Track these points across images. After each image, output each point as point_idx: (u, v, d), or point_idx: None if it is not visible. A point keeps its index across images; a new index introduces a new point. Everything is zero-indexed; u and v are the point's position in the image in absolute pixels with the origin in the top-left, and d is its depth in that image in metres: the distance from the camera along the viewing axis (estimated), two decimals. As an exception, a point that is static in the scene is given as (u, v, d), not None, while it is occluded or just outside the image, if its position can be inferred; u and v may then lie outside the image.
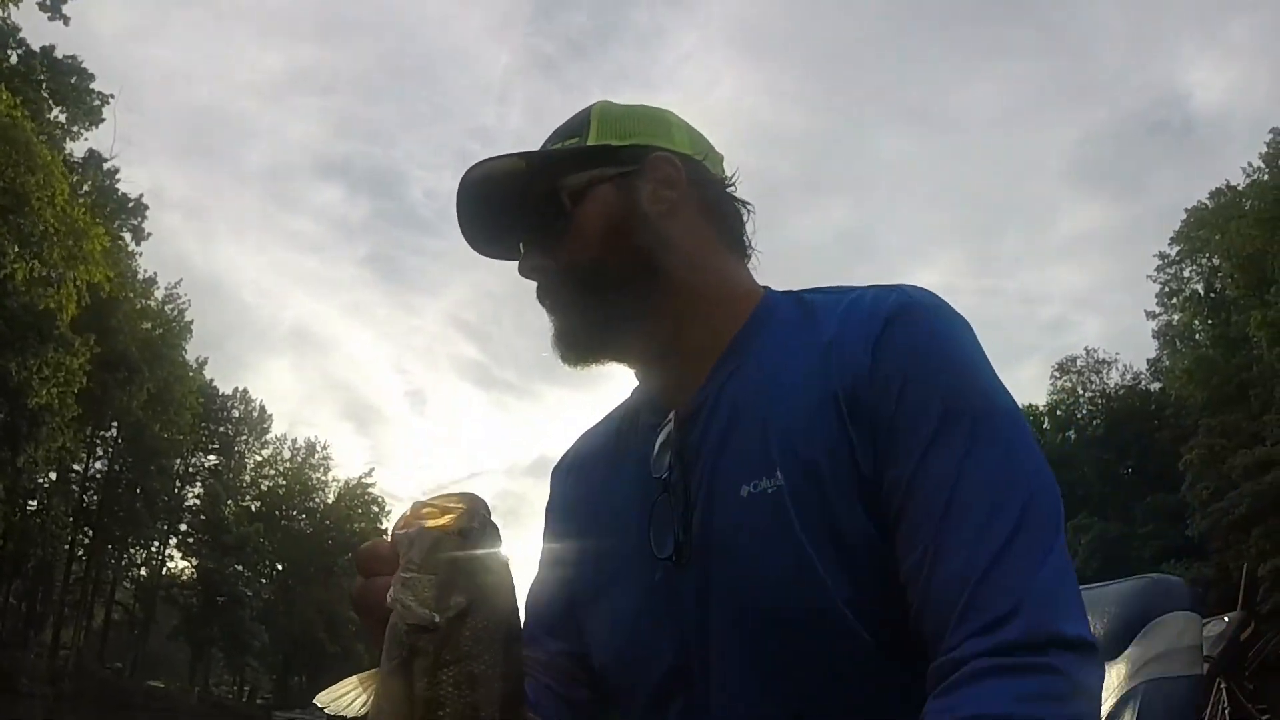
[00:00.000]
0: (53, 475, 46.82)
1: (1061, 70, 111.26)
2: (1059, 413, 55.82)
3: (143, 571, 59.64)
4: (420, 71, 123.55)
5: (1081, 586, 1.43)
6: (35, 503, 39.42)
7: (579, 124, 1.34)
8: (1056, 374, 56.36)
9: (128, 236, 43.25)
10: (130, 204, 43.45)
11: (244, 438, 65.93)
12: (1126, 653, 1.73)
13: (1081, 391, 55.39)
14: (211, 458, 63.59)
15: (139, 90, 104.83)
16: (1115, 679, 1.71)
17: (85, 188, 39.34)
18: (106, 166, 42.91)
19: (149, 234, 45.72)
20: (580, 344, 1.30)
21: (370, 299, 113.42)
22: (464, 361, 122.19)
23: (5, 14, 32.87)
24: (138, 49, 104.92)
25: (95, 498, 52.30)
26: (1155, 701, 1.65)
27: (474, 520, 0.92)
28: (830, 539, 1.12)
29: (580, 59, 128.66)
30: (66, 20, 32.39)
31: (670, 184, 1.30)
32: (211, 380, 61.75)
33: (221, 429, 64.09)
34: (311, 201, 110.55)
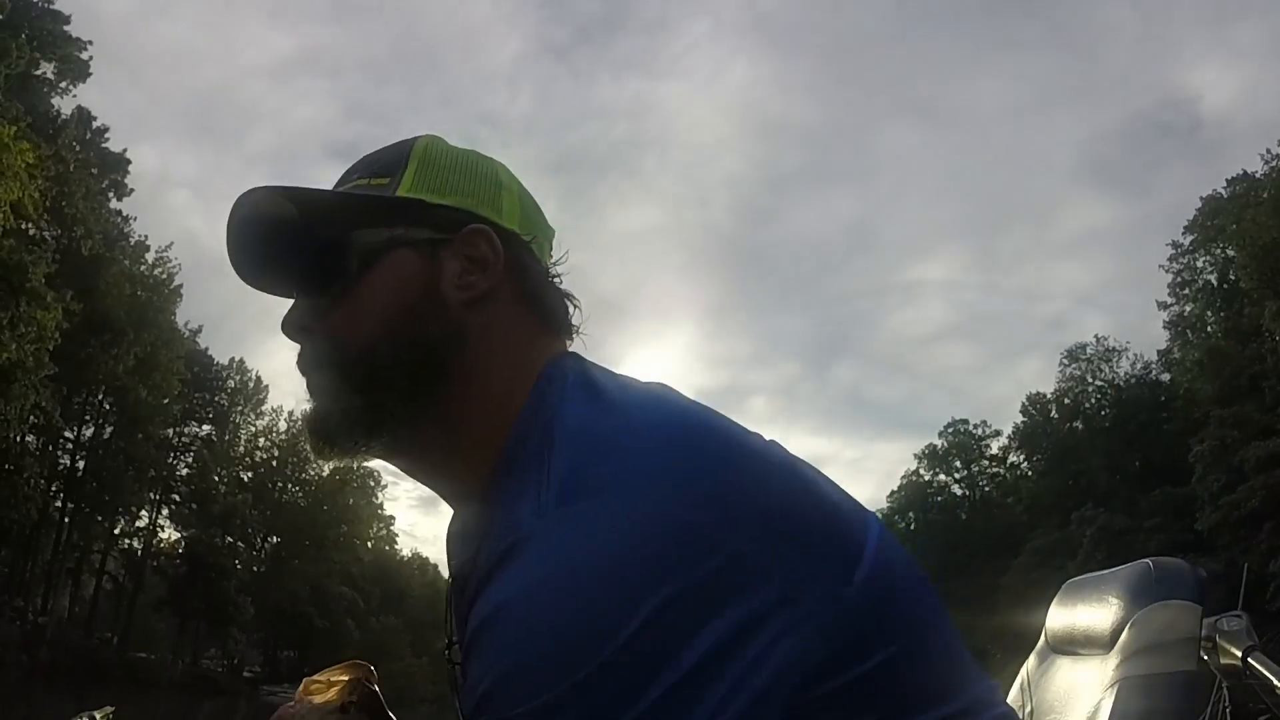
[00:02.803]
0: (31, 439, 46.36)
1: (1069, 67, 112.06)
2: (1066, 401, 55.35)
3: (134, 542, 59.18)
4: (429, 55, 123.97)
5: (1084, 575, 1.74)
6: (9, 465, 38.56)
7: (393, 161, 1.11)
8: (1065, 361, 56.03)
9: (114, 197, 42.50)
10: (110, 158, 43.12)
11: (239, 408, 65.34)
12: (1118, 645, 1.66)
13: (1090, 380, 54.98)
14: (205, 427, 63.00)
15: (147, 70, 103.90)
16: (1101, 674, 1.67)
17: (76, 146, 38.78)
18: (96, 125, 42.35)
19: (131, 189, 45.54)
20: (336, 439, 1.06)
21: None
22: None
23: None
24: (145, 28, 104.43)
25: (81, 464, 51.77)
26: (1134, 700, 1.58)
27: (355, 693, 0.97)
28: None
29: (589, 45, 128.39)
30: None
31: (482, 265, 1.08)
32: (206, 349, 61.36)
33: (217, 398, 63.33)
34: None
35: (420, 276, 1.07)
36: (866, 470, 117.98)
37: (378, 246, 1.07)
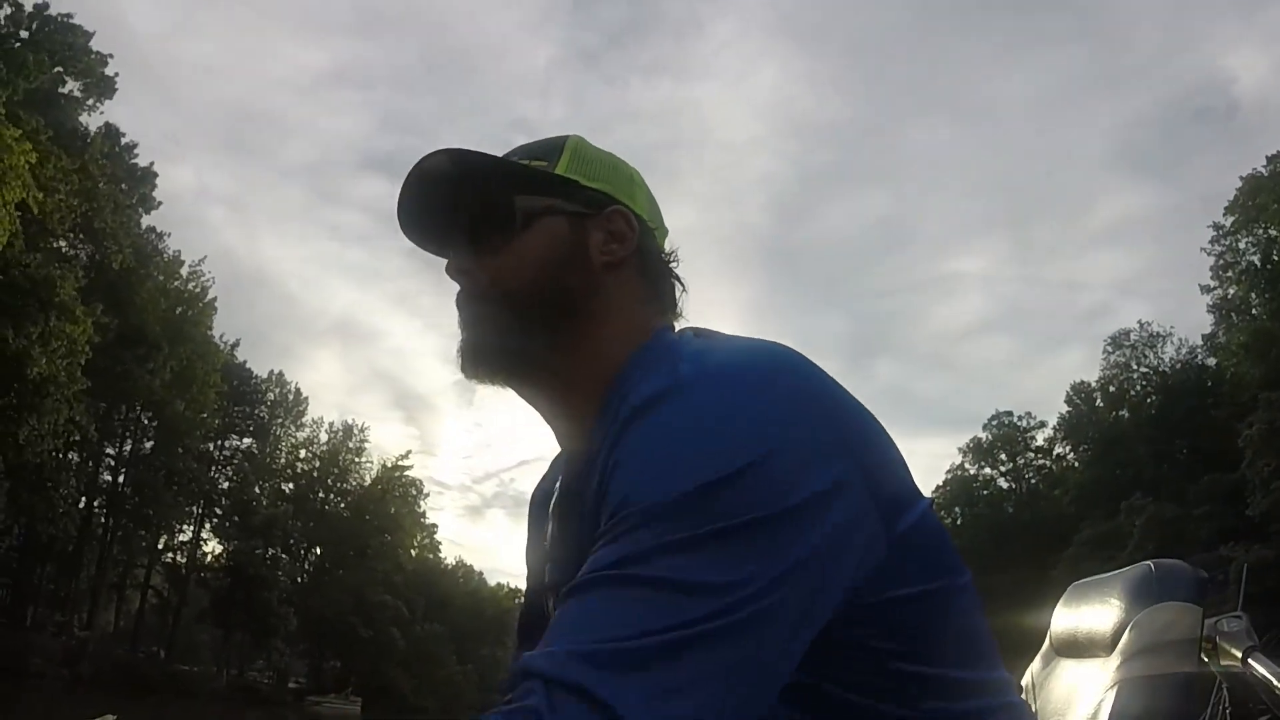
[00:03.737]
0: (72, 456, 46.63)
1: (1099, 56, 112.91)
2: (1111, 389, 54.55)
3: (178, 556, 59.55)
4: (460, 65, 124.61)
5: (1086, 579, 1.80)
6: (47, 481, 38.68)
7: (550, 149, 1.32)
8: (1109, 348, 55.10)
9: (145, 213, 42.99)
10: (139, 172, 43.38)
11: (280, 420, 65.60)
12: (1119, 647, 1.69)
13: (1135, 367, 54.10)
14: (246, 440, 63.32)
15: (180, 88, 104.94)
16: (1102, 676, 1.69)
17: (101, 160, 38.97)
18: (125, 141, 42.58)
19: (159, 203, 45.90)
20: (487, 363, 1.27)
21: (416, 289, 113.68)
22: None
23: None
24: (177, 48, 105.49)
25: (122, 479, 52.10)
26: (1134, 701, 1.61)
27: None
28: None
29: (619, 50, 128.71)
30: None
31: (621, 240, 1.29)
32: (244, 362, 61.73)
33: (257, 411, 63.66)
34: (354, 195, 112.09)
35: (570, 239, 1.27)
36: (911, 468, 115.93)
37: (538, 210, 1.27)
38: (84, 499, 49.89)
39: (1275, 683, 1.79)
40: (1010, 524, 60.30)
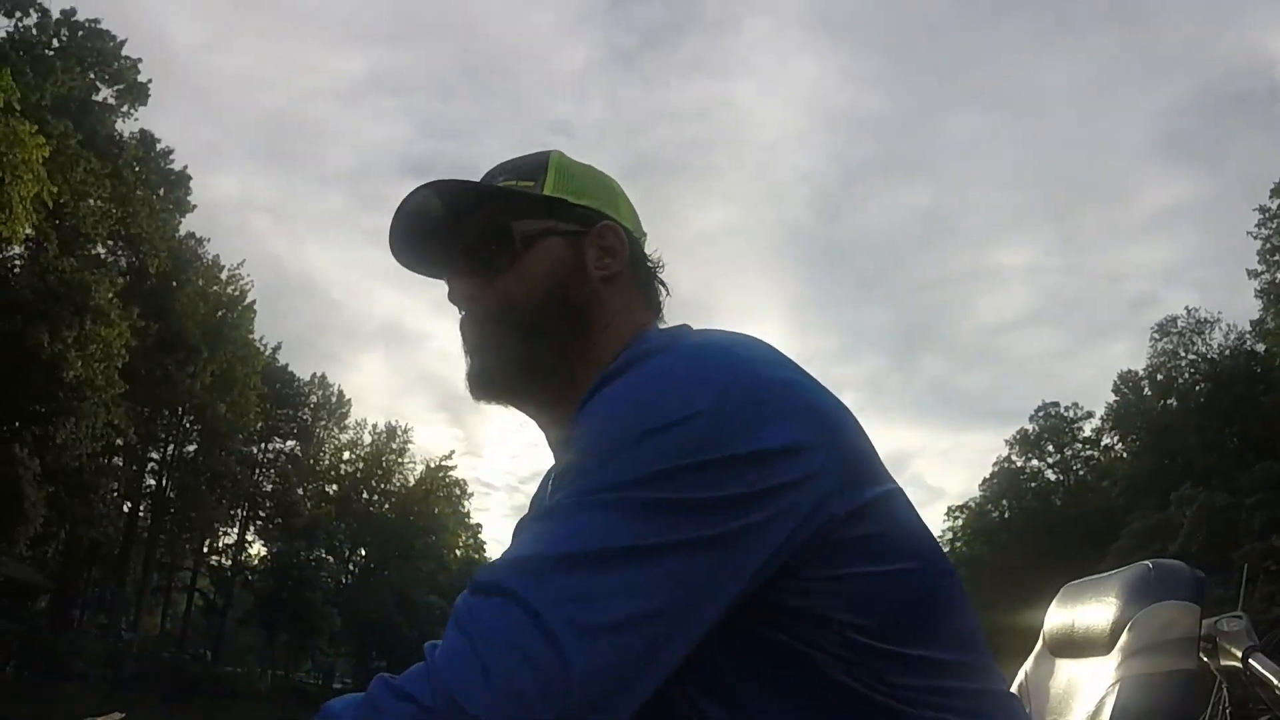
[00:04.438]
0: (118, 461, 47.07)
1: (1137, 41, 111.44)
2: (1159, 377, 53.71)
3: (223, 559, 60.08)
4: (497, 69, 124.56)
5: (1083, 579, 1.84)
6: (87, 483, 39.00)
7: (535, 168, 1.36)
8: (1156, 335, 54.16)
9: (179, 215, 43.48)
10: (173, 176, 43.63)
11: (323, 423, 65.96)
12: (1118, 646, 1.70)
13: (1183, 354, 53.13)
14: (290, 443, 63.70)
15: (222, 99, 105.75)
16: (1101, 675, 1.70)
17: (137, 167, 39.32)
18: (160, 147, 42.95)
19: (194, 206, 46.11)
20: (496, 386, 1.32)
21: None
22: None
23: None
24: (216, 60, 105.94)
25: (167, 482, 52.58)
26: (1134, 700, 1.62)
27: None
28: None
29: (656, 49, 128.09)
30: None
31: (613, 254, 1.34)
32: (286, 365, 62.11)
33: (300, 414, 64.04)
34: (396, 199, 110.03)
35: (570, 258, 1.32)
36: (956, 461, 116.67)
37: (537, 233, 1.31)
38: (128, 503, 50.46)
39: (1275, 682, 1.80)
40: (1058, 517, 59.57)
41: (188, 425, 52.22)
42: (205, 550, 58.40)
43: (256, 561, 61.13)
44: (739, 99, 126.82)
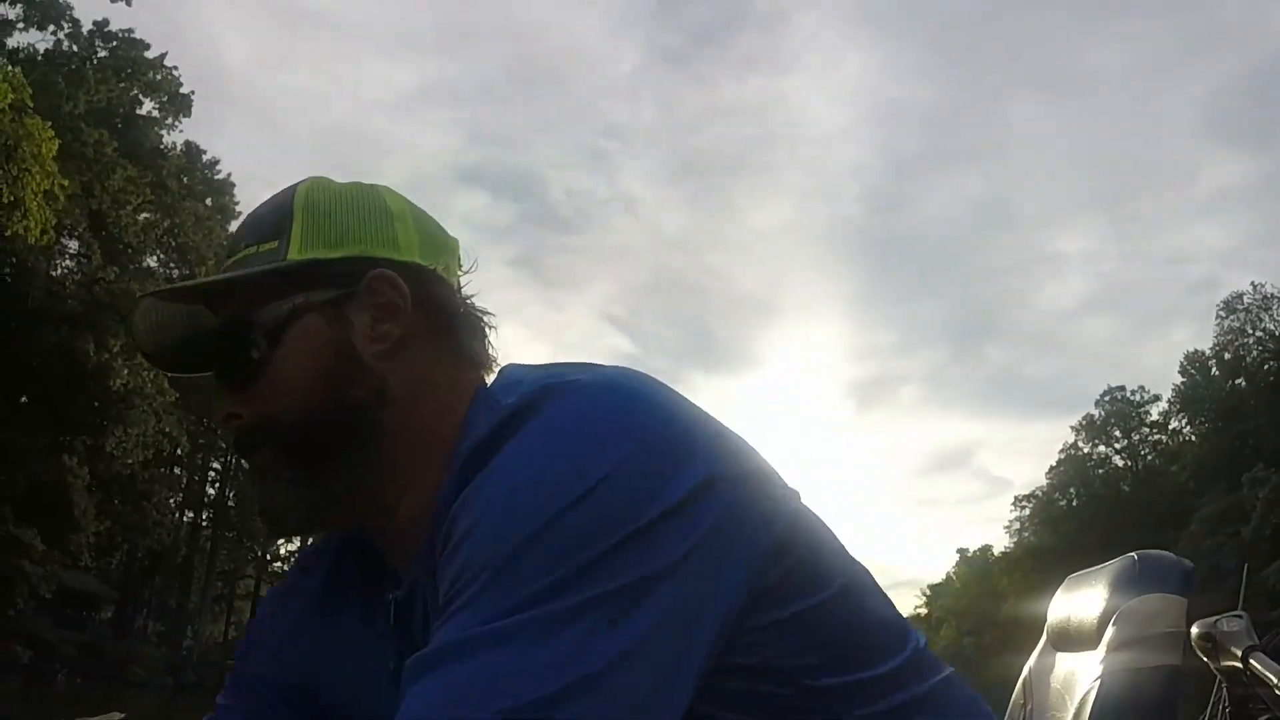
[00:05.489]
0: (179, 472, 47.69)
1: (1186, 23, 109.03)
2: (1227, 356, 52.57)
3: (284, 566, 60.65)
4: (548, 75, 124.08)
5: (1082, 571, 1.85)
6: (141, 490, 39.60)
7: (279, 220, 1.07)
8: (1222, 314, 53.04)
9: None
10: (215, 184, 44.28)
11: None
12: (1104, 640, 1.67)
13: (1250, 331, 51.95)
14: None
15: (276, 116, 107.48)
16: (1090, 669, 1.67)
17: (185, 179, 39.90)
18: (206, 158, 43.56)
19: (240, 212, 45.91)
20: (287, 524, 1.07)
21: (520, 299, 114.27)
22: (616, 354, 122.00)
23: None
24: (270, 78, 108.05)
25: (229, 491, 53.38)
26: (1114, 696, 1.58)
27: None
28: None
29: (706, 48, 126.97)
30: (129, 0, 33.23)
31: (391, 313, 1.05)
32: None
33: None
34: (454, 209, 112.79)
35: (332, 341, 1.04)
36: (1022, 452, 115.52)
37: (282, 320, 1.03)
38: (189, 513, 51.25)
39: (1275, 682, 1.78)
40: (1127, 503, 58.74)
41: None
42: (268, 558, 59.03)
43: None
44: (791, 95, 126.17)
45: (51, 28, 33.35)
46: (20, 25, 32.78)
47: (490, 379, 1.10)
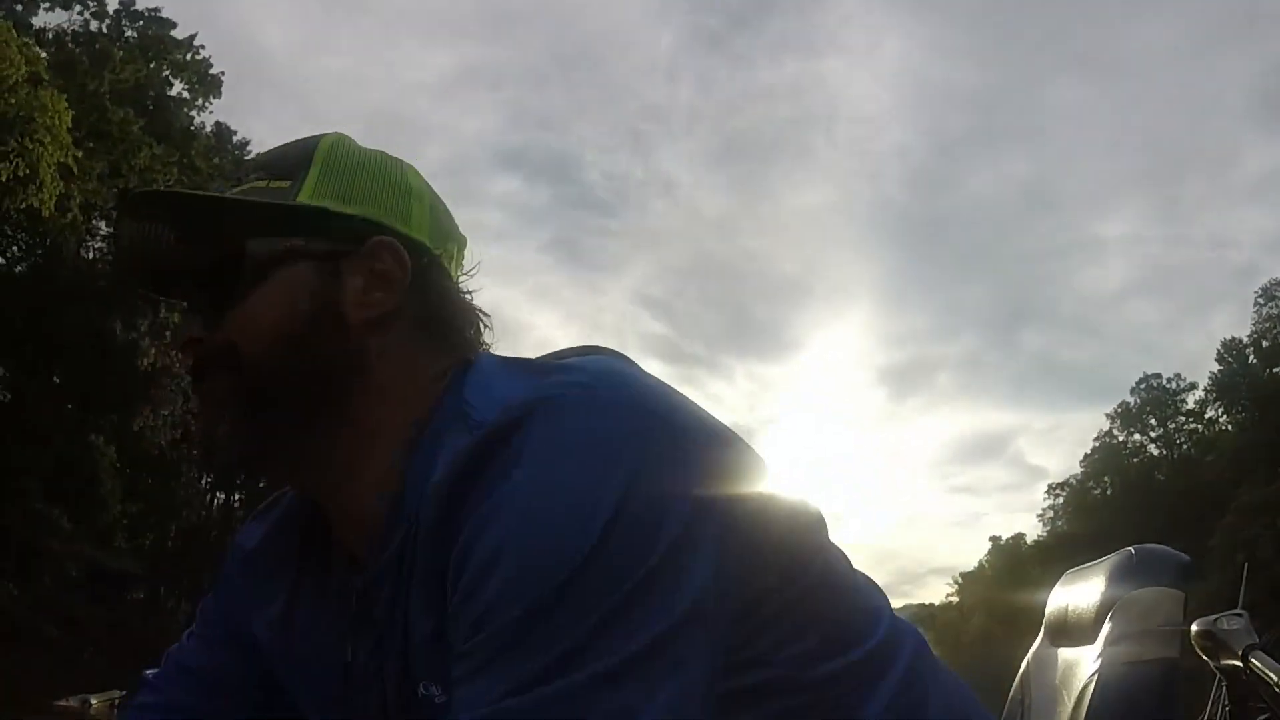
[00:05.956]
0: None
1: (1233, 2, 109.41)
2: (1265, 344, 51.98)
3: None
4: (586, 57, 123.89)
5: (1078, 566, 1.92)
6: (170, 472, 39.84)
7: (295, 163, 1.06)
8: (1260, 300, 52.46)
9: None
10: (243, 163, 43.82)
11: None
12: (1100, 634, 1.68)
13: (1291, 317, 51.21)
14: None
15: (317, 100, 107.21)
16: (1087, 664, 1.67)
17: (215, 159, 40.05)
18: (236, 139, 43.63)
19: (269, 188, 46.70)
20: (222, 456, 1.03)
21: (556, 282, 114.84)
22: (652, 337, 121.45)
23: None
24: (311, 62, 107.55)
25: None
26: (1110, 690, 1.59)
27: None
28: None
29: (743, 30, 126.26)
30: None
31: (387, 283, 1.04)
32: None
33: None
34: (492, 192, 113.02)
35: (318, 292, 1.02)
36: (1058, 440, 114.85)
37: (273, 257, 1.02)
38: (222, 493, 51.64)
39: (1275, 680, 1.78)
40: (1162, 492, 58.14)
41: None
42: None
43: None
44: (830, 76, 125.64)
45: (77, 7, 33.51)
46: (46, 4, 32.88)
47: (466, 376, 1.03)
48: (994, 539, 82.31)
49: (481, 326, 1.12)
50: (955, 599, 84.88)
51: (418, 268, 1.04)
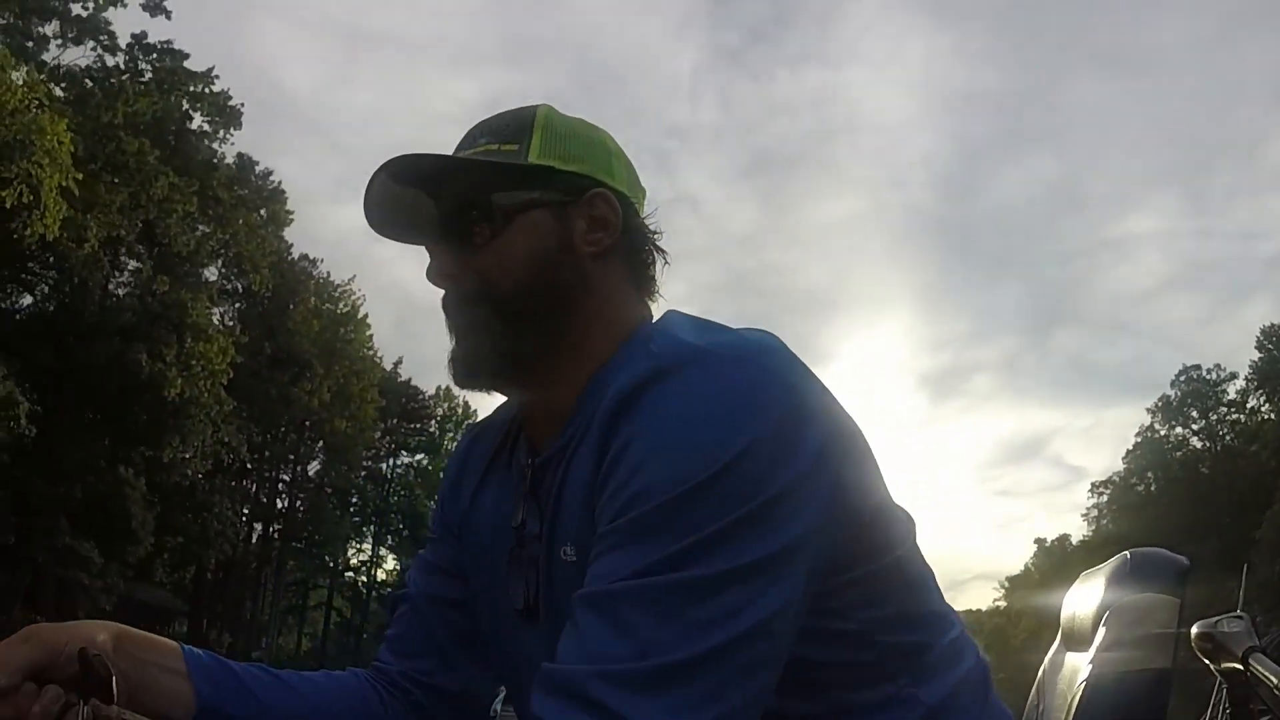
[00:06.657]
0: (248, 484, 48.16)
1: None
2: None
3: (358, 576, 61.20)
4: (607, 80, 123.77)
5: (1094, 567, 1.87)
6: (200, 502, 40.00)
7: (519, 129, 1.28)
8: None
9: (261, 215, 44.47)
10: (266, 193, 44.65)
11: (450, 434, 66.62)
12: (1095, 641, 1.66)
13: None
14: (419, 456, 64.49)
15: (342, 136, 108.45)
16: (1083, 669, 1.66)
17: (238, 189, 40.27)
18: (259, 169, 44.12)
19: (292, 218, 46.95)
20: (481, 371, 1.26)
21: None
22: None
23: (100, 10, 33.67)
24: (335, 99, 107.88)
25: (298, 502, 53.74)
26: (1096, 700, 1.58)
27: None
28: None
29: (762, 44, 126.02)
30: (169, 15, 33.93)
31: (604, 226, 1.28)
32: (410, 380, 62.79)
33: (428, 427, 64.87)
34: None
35: (555, 232, 1.24)
36: (1099, 439, 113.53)
37: (518, 206, 1.23)
38: (259, 524, 51.74)
39: (1275, 683, 1.81)
40: (1207, 485, 57.33)
41: (309, 442, 53.18)
42: (339, 568, 59.40)
43: (390, 577, 62.01)
44: (851, 86, 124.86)
45: (90, 42, 33.75)
46: (58, 41, 33.29)
47: (655, 310, 1.30)
48: (1039, 541, 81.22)
49: (664, 263, 1.33)
50: (1002, 604, 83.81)
51: (624, 213, 1.27)
